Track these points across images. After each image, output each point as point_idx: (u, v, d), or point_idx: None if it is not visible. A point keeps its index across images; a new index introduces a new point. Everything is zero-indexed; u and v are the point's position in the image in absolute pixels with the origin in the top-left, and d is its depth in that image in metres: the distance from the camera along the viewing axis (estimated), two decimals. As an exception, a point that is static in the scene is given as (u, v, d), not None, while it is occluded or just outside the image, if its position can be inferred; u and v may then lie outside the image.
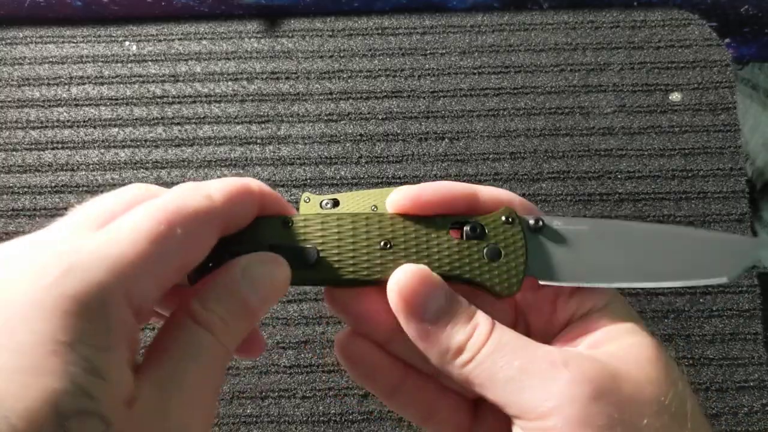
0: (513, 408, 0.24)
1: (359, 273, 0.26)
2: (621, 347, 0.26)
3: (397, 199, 0.28)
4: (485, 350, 0.25)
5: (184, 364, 0.23)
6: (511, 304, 0.30)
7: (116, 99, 0.58)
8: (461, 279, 0.27)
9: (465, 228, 0.27)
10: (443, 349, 0.25)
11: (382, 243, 0.27)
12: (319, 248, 0.27)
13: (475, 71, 0.58)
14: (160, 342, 0.24)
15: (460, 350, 0.25)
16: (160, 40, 0.59)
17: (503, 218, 0.27)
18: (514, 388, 0.24)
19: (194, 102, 0.58)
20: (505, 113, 0.57)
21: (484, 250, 0.27)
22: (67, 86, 0.58)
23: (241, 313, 0.25)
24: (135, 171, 0.56)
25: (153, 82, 0.58)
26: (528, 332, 0.29)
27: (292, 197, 0.55)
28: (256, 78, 0.58)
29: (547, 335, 0.29)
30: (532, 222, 0.28)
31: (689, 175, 0.55)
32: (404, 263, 0.26)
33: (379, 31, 0.59)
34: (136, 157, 0.56)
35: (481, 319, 0.26)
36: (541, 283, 0.27)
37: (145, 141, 0.57)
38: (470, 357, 0.25)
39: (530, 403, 0.24)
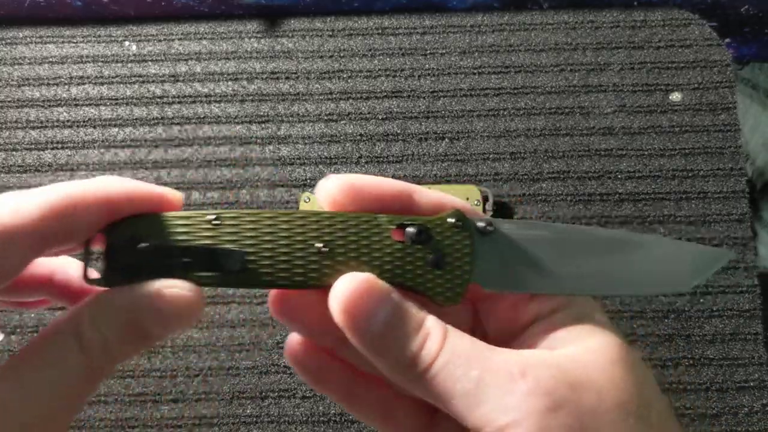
0: (469, 421, 0.23)
1: (293, 279, 0.25)
2: (584, 349, 0.25)
3: (327, 188, 0.26)
4: (439, 362, 0.23)
5: (40, 376, 0.22)
6: (468, 305, 0.29)
7: (116, 99, 0.58)
8: (403, 286, 0.25)
9: (409, 231, 0.25)
10: (393, 362, 0.24)
11: (318, 246, 0.25)
12: (249, 250, 0.25)
13: (475, 71, 0.58)
14: (40, 339, 0.23)
15: (412, 363, 0.24)
16: (160, 40, 0.59)
17: (451, 221, 0.25)
18: (471, 401, 0.23)
19: (194, 102, 0.58)
20: (505, 113, 0.57)
21: (429, 257, 0.25)
22: (67, 86, 0.58)
23: (133, 342, 0.24)
24: (135, 171, 0.56)
25: (153, 82, 0.58)
26: (487, 334, 0.28)
27: (292, 197, 0.55)
28: (256, 78, 0.58)
29: (508, 336, 0.27)
30: (481, 225, 0.26)
31: (689, 175, 0.55)
32: (343, 269, 0.25)
33: (379, 31, 0.59)
34: (136, 157, 0.56)
35: (433, 326, 0.24)
36: (487, 290, 0.26)
37: (145, 141, 0.57)
38: (423, 369, 0.24)
39: (487, 416, 0.23)
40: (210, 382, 0.50)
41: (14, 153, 0.57)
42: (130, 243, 0.24)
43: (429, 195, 0.27)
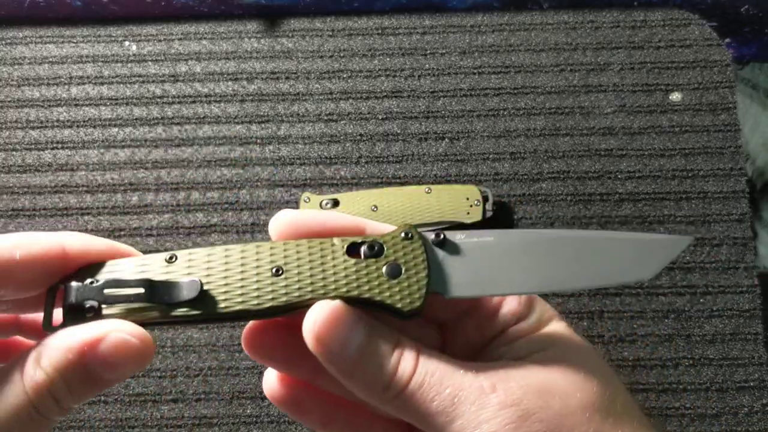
0: None
1: (248, 303, 0.25)
2: (547, 356, 0.26)
3: (275, 226, 0.27)
4: (413, 383, 0.24)
5: None
6: (435, 323, 0.30)
7: (116, 99, 0.58)
8: (360, 300, 0.25)
9: (362, 247, 0.26)
10: (369, 386, 0.25)
11: (273, 270, 0.25)
12: (204, 281, 0.25)
13: (475, 71, 0.58)
14: None
15: (387, 386, 0.25)
16: (160, 40, 0.59)
17: (402, 235, 0.26)
18: (446, 418, 0.24)
19: (194, 102, 0.58)
20: (505, 113, 0.57)
21: (384, 268, 0.26)
22: (66, 86, 0.58)
23: (81, 384, 0.24)
24: (135, 171, 0.56)
25: (153, 82, 0.58)
26: (455, 350, 0.29)
27: (292, 197, 0.55)
28: (256, 78, 0.58)
29: (476, 350, 0.28)
30: (432, 237, 0.27)
31: (689, 175, 0.55)
32: (298, 288, 0.25)
33: (379, 31, 0.59)
34: (136, 157, 0.56)
35: (406, 348, 0.25)
36: (448, 297, 0.26)
37: (145, 141, 0.57)
38: (398, 392, 0.25)
39: (463, 431, 0.24)
40: (210, 382, 0.50)
41: (14, 153, 0.57)
42: (83, 284, 0.25)
43: (381, 228, 0.28)
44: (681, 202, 0.54)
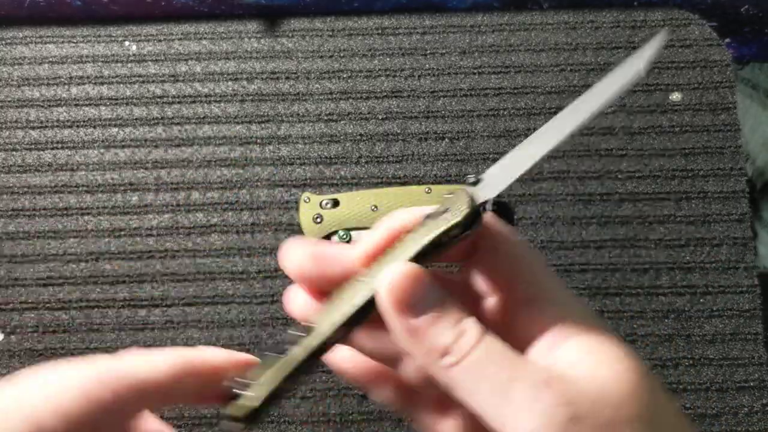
0: (491, 422, 0.24)
1: (344, 311, 0.26)
2: (598, 364, 0.26)
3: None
4: (474, 355, 0.25)
5: None
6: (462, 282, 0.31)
7: (116, 99, 0.58)
8: (426, 250, 0.26)
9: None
10: (430, 348, 0.25)
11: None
12: (301, 331, 0.27)
13: (475, 71, 0.58)
14: None
15: (447, 350, 0.25)
16: (160, 40, 0.59)
17: (445, 194, 0.29)
18: (497, 402, 0.24)
19: (194, 102, 0.58)
20: (505, 113, 0.57)
21: (437, 217, 0.28)
22: (66, 86, 0.58)
23: None
24: (135, 171, 0.56)
25: (153, 82, 0.58)
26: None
27: (292, 197, 0.55)
28: (256, 78, 0.58)
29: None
30: (469, 183, 0.30)
31: (689, 175, 0.55)
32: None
33: (379, 31, 0.59)
34: (136, 157, 0.56)
35: (472, 323, 0.26)
36: (488, 198, 0.29)
37: (145, 141, 0.57)
38: (457, 359, 0.25)
39: (509, 421, 0.24)
40: (210, 382, 0.50)
41: (14, 153, 0.57)
42: (250, 386, 0.27)
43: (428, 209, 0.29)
44: (681, 202, 0.54)
